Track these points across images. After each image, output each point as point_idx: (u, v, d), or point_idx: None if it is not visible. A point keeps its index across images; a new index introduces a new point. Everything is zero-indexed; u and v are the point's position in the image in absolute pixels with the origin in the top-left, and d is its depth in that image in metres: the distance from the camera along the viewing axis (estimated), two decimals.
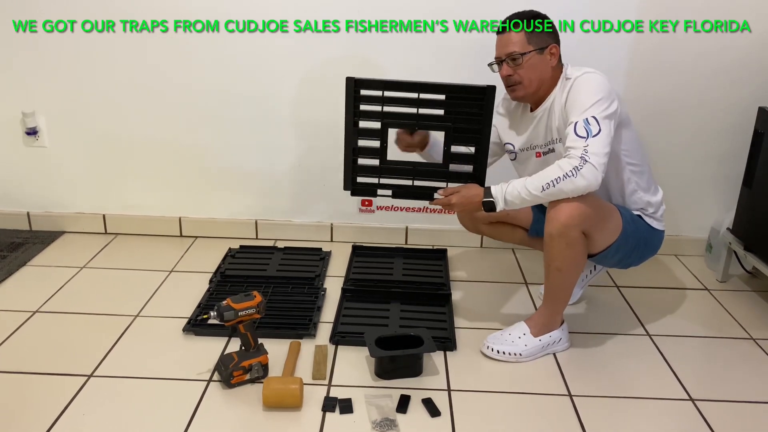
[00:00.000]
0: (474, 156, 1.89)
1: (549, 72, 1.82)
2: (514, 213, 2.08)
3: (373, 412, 1.60)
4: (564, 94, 1.78)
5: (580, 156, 1.65)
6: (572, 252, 1.74)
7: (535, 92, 1.84)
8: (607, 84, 1.74)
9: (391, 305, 2.12)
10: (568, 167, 1.66)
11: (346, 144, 1.91)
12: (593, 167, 1.64)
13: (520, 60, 1.79)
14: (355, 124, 1.89)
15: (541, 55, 1.80)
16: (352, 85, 1.85)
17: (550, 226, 1.73)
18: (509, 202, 1.74)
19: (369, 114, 1.89)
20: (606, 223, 1.77)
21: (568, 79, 1.79)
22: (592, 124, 1.67)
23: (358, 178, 1.96)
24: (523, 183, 1.71)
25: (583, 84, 1.75)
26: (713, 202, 2.55)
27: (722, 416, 1.64)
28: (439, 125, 1.90)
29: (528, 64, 1.80)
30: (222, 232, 2.67)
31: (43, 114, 2.52)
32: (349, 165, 1.93)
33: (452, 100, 1.86)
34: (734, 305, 2.22)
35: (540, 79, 1.82)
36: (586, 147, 1.66)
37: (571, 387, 1.74)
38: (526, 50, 1.79)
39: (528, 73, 1.81)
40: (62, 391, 1.65)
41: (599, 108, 1.69)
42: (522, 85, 1.82)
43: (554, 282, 1.82)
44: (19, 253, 2.46)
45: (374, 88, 1.87)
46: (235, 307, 1.66)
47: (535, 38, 1.79)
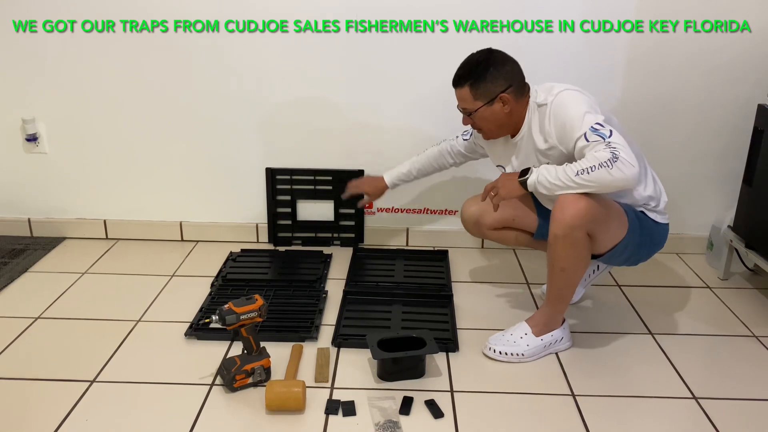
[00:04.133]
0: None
1: (505, 117, 1.81)
2: (519, 219, 2.08)
3: (376, 415, 1.60)
4: (547, 121, 1.76)
5: (610, 150, 1.60)
6: (576, 252, 1.74)
7: (500, 133, 1.88)
8: (582, 95, 1.74)
9: (393, 307, 2.12)
10: (603, 158, 1.59)
11: None
12: (625, 160, 1.58)
13: (473, 114, 1.83)
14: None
15: (491, 106, 1.80)
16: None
17: (554, 226, 1.71)
18: (542, 179, 1.68)
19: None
20: (611, 223, 1.75)
21: (542, 105, 1.77)
22: (599, 130, 1.64)
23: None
24: (561, 167, 1.67)
25: (563, 107, 1.73)
26: (714, 199, 2.55)
27: (726, 414, 1.63)
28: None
29: (480, 117, 1.82)
30: (223, 236, 2.67)
31: (42, 120, 2.53)
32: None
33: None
34: (736, 303, 2.22)
35: (498, 125, 1.84)
36: (609, 143, 1.61)
37: (574, 387, 1.74)
38: (475, 107, 1.81)
39: (484, 124, 1.84)
40: (65, 397, 1.65)
41: (593, 117, 1.67)
42: (484, 131, 1.88)
43: (558, 282, 1.81)
44: (20, 259, 2.46)
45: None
46: (237, 311, 1.66)
47: (482, 92, 1.79)
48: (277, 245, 2.64)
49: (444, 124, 2.34)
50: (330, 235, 2.65)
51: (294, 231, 2.64)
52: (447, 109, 2.39)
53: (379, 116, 2.48)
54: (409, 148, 2.45)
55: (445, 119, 2.35)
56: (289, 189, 2.59)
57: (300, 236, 2.65)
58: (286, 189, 2.59)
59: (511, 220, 2.08)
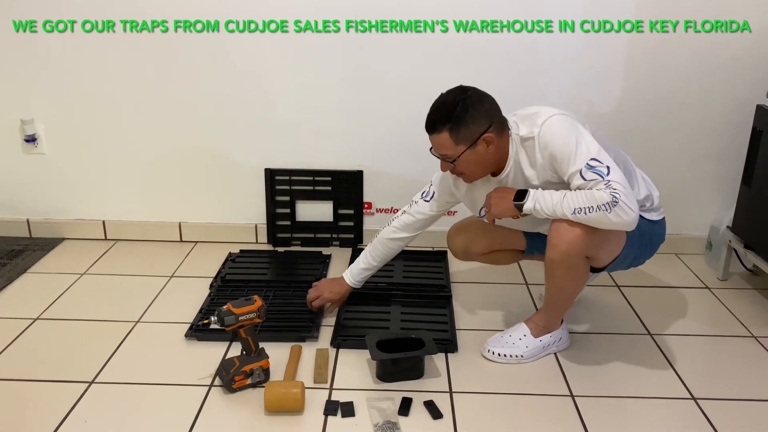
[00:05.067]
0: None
1: (490, 157, 1.68)
2: (506, 241, 2.00)
3: (375, 415, 1.60)
4: (538, 155, 1.65)
5: (611, 193, 1.53)
6: (574, 274, 1.72)
7: (485, 173, 1.75)
8: (567, 119, 1.64)
9: (392, 308, 2.12)
10: (603, 200, 1.53)
11: None
12: (625, 204, 1.53)
13: (456, 160, 1.68)
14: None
15: (475, 149, 1.65)
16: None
17: (551, 252, 1.67)
18: (538, 208, 1.62)
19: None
20: (609, 241, 1.70)
21: (528, 139, 1.66)
22: (596, 167, 1.56)
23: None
24: (559, 197, 1.60)
25: (552, 139, 1.62)
26: (713, 200, 2.55)
27: (725, 415, 1.64)
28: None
29: (464, 162, 1.68)
30: (222, 237, 2.67)
31: (41, 121, 2.53)
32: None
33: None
34: (735, 303, 2.22)
35: (483, 167, 1.71)
36: (608, 183, 1.54)
37: (573, 388, 1.74)
38: (457, 153, 1.66)
39: (468, 168, 1.70)
40: (64, 398, 1.65)
41: (585, 150, 1.58)
42: (466, 175, 1.74)
43: (555, 297, 1.81)
44: (19, 260, 2.46)
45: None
46: (236, 312, 1.66)
47: (462, 136, 1.64)
48: (276, 246, 2.64)
49: None
50: (329, 236, 2.65)
51: (293, 232, 2.64)
52: None
53: (379, 116, 2.48)
54: (409, 149, 2.46)
55: None
56: (288, 189, 2.59)
57: (299, 237, 2.65)
58: (285, 189, 2.59)
59: (497, 244, 2.02)
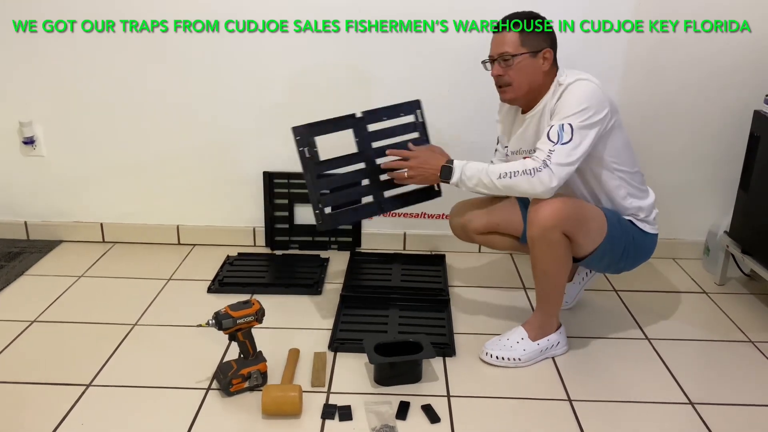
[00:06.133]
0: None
1: (540, 76, 1.79)
2: (504, 223, 2.04)
3: (373, 419, 1.59)
4: (554, 100, 1.77)
5: (543, 160, 1.68)
6: (554, 253, 1.75)
7: (525, 96, 1.82)
8: (597, 92, 1.72)
9: (390, 311, 2.12)
10: (530, 165, 1.69)
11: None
12: (551, 174, 1.67)
13: (512, 61, 1.77)
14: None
15: (534, 58, 1.77)
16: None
17: (530, 229, 1.74)
18: (467, 177, 1.78)
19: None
20: (588, 226, 1.76)
21: (561, 85, 1.77)
22: (565, 131, 1.68)
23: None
24: (485, 166, 1.77)
25: (573, 92, 1.73)
26: (710, 205, 2.55)
27: (722, 419, 1.64)
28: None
29: (519, 66, 1.77)
30: (220, 240, 2.66)
31: (40, 123, 2.53)
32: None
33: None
34: (733, 308, 2.22)
35: (530, 83, 1.79)
36: (551, 152, 1.68)
37: (571, 392, 1.74)
38: (519, 52, 1.76)
39: (518, 76, 1.78)
40: (60, 401, 1.65)
41: (580, 117, 1.69)
42: (512, 87, 1.80)
43: (542, 285, 1.83)
44: (16, 262, 2.45)
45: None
46: (234, 315, 1.66)
47: (530, 41, 1.76)
48: (274, 249, 2.64)
49: (445, 125, 2.34)
50: (327, 239, 2.64)
51: (291, 235, 2.64)
52: (448, 110, 2.41)
53: None
54: None
55: (447, 120, 2.36)
56: (287, 193, 2.59)
57: (297, 240, 2.64)
58: (284, 193, 2.59)
59: (496, 225, 2.06)
